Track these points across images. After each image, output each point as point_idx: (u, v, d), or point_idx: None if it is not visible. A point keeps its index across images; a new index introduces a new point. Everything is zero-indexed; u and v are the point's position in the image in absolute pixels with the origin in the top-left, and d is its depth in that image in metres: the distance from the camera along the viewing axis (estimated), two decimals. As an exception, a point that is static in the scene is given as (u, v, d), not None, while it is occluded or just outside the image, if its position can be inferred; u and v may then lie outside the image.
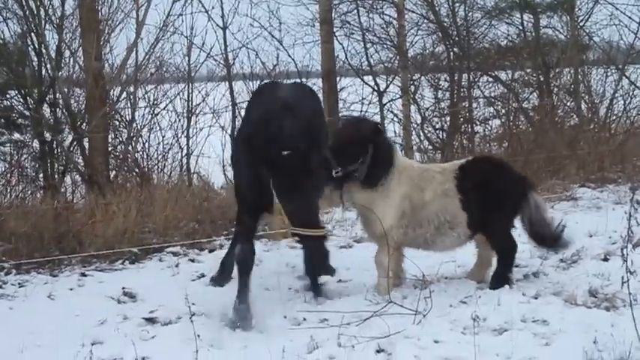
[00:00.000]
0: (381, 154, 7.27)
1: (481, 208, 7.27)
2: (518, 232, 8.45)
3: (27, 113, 12.49)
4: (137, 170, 13.30)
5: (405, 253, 7.54)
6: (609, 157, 13.57)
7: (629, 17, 17.37)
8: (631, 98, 17.08)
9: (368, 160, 7.18)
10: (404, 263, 7.57)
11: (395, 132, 15.15)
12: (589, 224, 9.67)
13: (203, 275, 8.40)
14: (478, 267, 7.75)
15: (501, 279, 7.37)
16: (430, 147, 16.11)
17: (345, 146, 7.17)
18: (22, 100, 12.58)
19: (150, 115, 13.89)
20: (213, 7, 14.47)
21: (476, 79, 16.54)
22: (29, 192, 12.31)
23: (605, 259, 8.09)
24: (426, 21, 16.58)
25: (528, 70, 16.89)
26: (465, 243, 7.58)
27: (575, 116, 16.21)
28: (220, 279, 8.02)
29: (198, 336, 5.61)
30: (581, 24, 17.42)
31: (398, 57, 15.53)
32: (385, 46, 16.31)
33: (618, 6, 17.31)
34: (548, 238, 7.62)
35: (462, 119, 16.12)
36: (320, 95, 12.25)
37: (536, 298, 6.99)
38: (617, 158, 13.55)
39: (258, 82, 14.63)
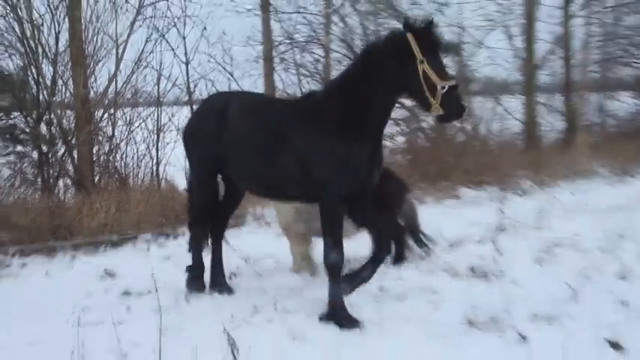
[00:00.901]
0: None
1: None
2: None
3: (27, 130, 12.31)
4: (117, 176, 13.15)
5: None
6: (486, 165, 13.76)
7: (503, 58, 17.81)
8: (504, 121, 17.43)
9: None
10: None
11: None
12: (470, 216, 9.79)
13: (169, 258, 8.36)
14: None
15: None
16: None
17: None
18: (23, 119, 12.38)
19: (127, 132, 13.75)
20: (178, 47, 14.41)
21: (385, 105, 16.58)
22: (29, 193, 12.11)
23: (482, 243, 8.18)
24: (347, 59, 16.65)
25: (426, 98, 17.00)
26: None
27: (462, 134, 16.42)
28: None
29: (162, 304, 5.62)
30: (467, 62, 17.70)
31: (325, 87, 15.57)
32: (314, 78, 16.35)
33: (494, 50, 17.71)
34: (416, 235, 7.72)
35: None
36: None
37: (429, 273, 7.10)
38: (492, 166, 13.73)
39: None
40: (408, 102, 16.49)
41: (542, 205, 9.81)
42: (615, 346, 4.91)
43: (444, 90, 5.48)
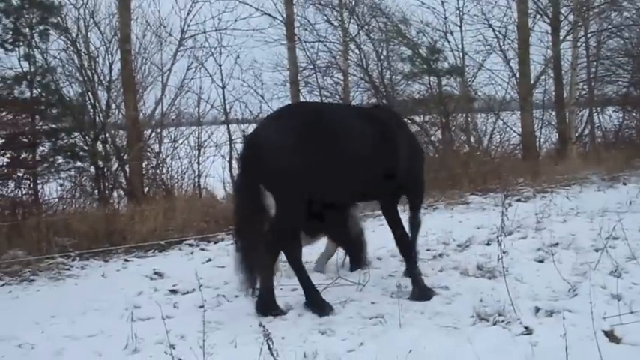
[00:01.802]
0: None
1: None
2: (429, 227, 8.58)
3: (86, 148, 12.38)
4: (163, 187, 13.24)
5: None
6: (490, 174, 13.68)
7: (502, 78, 17.75)
8: (504, 134, 17.34)
9: None
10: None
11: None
12: (477, 220, 9.73)
13: (210, 260, 8.34)
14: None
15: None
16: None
17: None
18: (82, 138, 12.47)
19: (172, 148, 13.89)
20: (215, 73, 14.54)
21: (398, 122, 16.56)
22: (88, 203, 12.20)
23: (488, 244, 8.13)
24: (363, 81, 16.65)
25: (434, 115, 17.00)
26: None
27: (467, 146, 16.34)
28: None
29: (205, 301, 5.62)
30: (470, 83, 17.62)
31: (344, 107, 15.53)
32: (335, 99, 16.34)
33: (494, 71, 17.65)
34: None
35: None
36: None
37: (440, 271, 7.02)
38: (495, 175, 13.65)
39: (248, 124, 14.73)
40: (417, 119, 16.73)
41: (541, 209, 9.74)
42: (611, 336, 4.83)
43: None
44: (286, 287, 6.59)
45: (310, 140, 5.54)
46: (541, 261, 7.24)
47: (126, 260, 8.60)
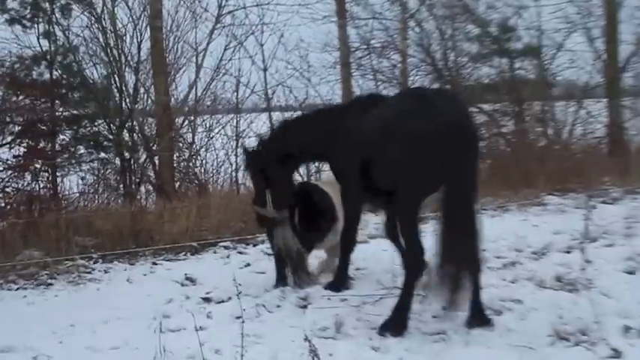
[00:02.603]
0: None
1: None
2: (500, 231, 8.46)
3: (110, 137, 12.57)
4: (196, 181, 13.34)
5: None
6: (570, 171, 13.43)
7: (585, 61, 17.36)
8: (587, 125, 16.98)
9: None
10: None
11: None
12: (555, 224, 9.58)
13: (249, 264, 8.38)
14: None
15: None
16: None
17: None
18: (107, 126, 12.66)
19: (206, 138, 13.96)
20: (256, 54, 14.56)
21: (464, 110, 16.41)
22: (112, 198, 12.36)
23: (568, 252, 7.97)
24: (424, 64, 16.49)
25: (506, 103, 16.76)
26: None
27: (543, 139, 16.08)
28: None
29: (244, 310, 5.62)
30: (547, 66, 17.32)
31: (402, 93, 15.43)
32: (392, 84, 16.22)
33: (576, 52, 17.28)
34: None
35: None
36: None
37: (513, 282, 6.93)
38: (576, 172, 13.40)
39: (292, 112, 14.73)
40: (486, 107, 16.54)
41: (632, 213, 9.55)
42: None
43: None
44: (335, 298, 6.56)
45: None
46: (632, 272, 7.09)
47: (154, 264, 8.69)
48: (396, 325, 5.62)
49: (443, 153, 5.42)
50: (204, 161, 13.81)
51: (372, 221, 9.50)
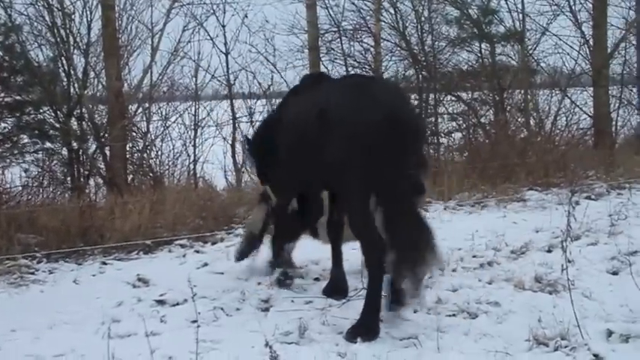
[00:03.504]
0: None
1: None
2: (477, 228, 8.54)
3: (57, 125, 12.44)
4: (151, 174, 13.29)
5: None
6: (553, 164, 13.57)
7: (571, 46, 17.52)
8: (572, 115, 17.14)
9: None
10: None
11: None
12: (536, 221, 9.67)
13: (206, 264, 8.33)
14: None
15: None
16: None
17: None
18: (53, 114, 12.52)
19: (162, 128, 13.91)
20: (217, 35, 14.52)
21: (441, 98, 16.52)
22: (58, 193, 12.26)
23: (549, 251, 8.10)
24: (398, 48, 16.55)
25: (485, 91, 16.89)
26: None
27: (524, 130, 16.20)
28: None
29: (199, 313, 5.62)
30: (530, 52, 17.47)
31: (374, 79, 15.47)
32: (364, 69, 16.26)
33: (561, 37, 17.44)
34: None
35: (429, 132, 16.08)
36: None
37: (490, 284, 6.99)
38: (559, 166, 13.55)
39: (256, 100, 14.73)
40: (465, 95, 16.64)
41: (617, 209, 9.66)
42: None
43: None
44: (299, 300, 6.58)
45: None
46: (615, 273, 7.19)
47: (103, 263, 8.62)
48: (366, 330, 5.63)
49: (386, 145, 5.52)
50: (159, 152, 13.78)
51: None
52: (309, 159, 6.12)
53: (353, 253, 7.18)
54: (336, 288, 6.83)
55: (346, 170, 5.68)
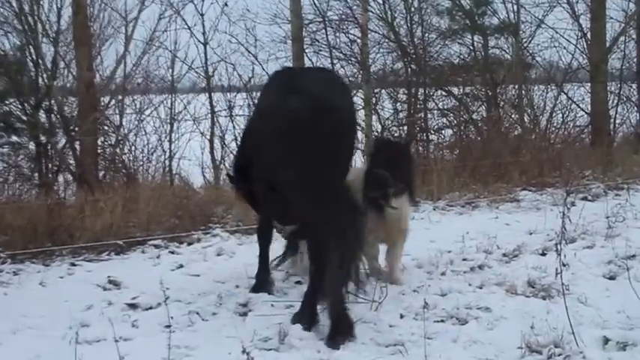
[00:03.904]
0: (415, 167, 7.27)
1: None
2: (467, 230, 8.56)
3: (24, 118, 12.41)
4: (124, 170, 13.25)
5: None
6: (548, 163, 13.64)
7: (567, 40, 17.60)
8: (568, 112, 17.24)
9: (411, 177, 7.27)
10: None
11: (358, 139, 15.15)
12: (529, 223, 9.69)
13: (182, 266, 8.30)
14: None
15: None
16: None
17: (402, 168, 7.12)
18: (20, 105, 12.49)
19: (136, 121, 13.88)
20: (195, 24, 14.48)
21: (431, 93, 16.57)
22: (25, 189, 12.23)
23: (543, 254, 8.11)
24: (386, 40, 16.60)
25: (478, 86, 16.95)
26: None
27: (518, 127, 16.29)
28: None
29: (172, 317, 5.61)
30: (525, 45, 17.53)
31: (361, 72, 15.49)
32: (350, 62, 16.30)
33: (558, 30, 17.51)
34: None
35: (418, 128, 16.12)
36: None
37: (480, 288, 6.99)
38: (555, 165, 13.61)
39: (236, 93, 14.69)
40: (456, 90, 16.68)
41: (615, 211, 9.74)
42: None
43: None
44: (279, 304, 6.57)
45: None
46: (612, 278, 7.21)
47: (72, 265, 8.56)
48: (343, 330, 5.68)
49: (305, 138, 5.74)
50: (132, 147, 13.74)
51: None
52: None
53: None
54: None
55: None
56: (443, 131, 16.55)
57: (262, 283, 7.13)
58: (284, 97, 6.04)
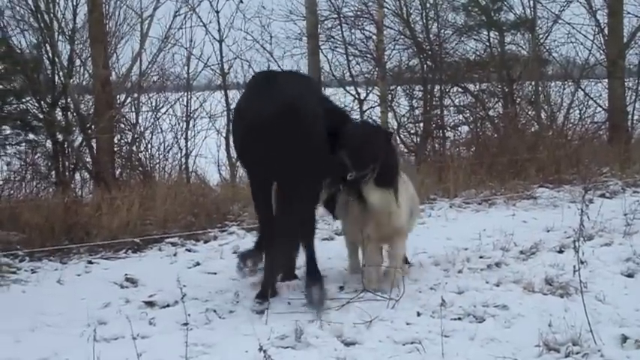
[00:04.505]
0: (390, 161, 7.02)
1: None
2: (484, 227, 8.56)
3: (41, 116, 12.41)
4: (140, 168, 13.27)
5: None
6: (565, 160, 13.59)
7: (584, 35, 17.49)
8: (585, 108, 17.15)
9: (378, 167, 6.82)
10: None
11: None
12: (547, 220, 9.68)
13: (198, 264, 8.35)
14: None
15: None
16: (405, 150, 16.08)
17: (360, 152, 6.75)
18: (36, 104, 12.49)
19: (152, 119, 13.89)
20: (210, 22, 14.47)
21: (447, 90, 16.53)
22: (42, 187, 12.25)
23: (560, 251, 8.11)
24: (402, 37, 16.53)
25: (494, 82, 16.88)
26: None
27: (535, 124, 16.22)
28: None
29: (189, 315, 5.63)
30: (542, 41, 17.45)
31: (377, 69, 15.47)
32: (365, 58, 16.25)
33: (575, 25, 17.41)
34: None
35: (434, 125, 16.08)
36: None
37: (497, 286, 6.99)
38: (572, 161, 13.57)
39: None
40: (472, 87, 16.63)
41: (633, 208, 9.71)
42: None
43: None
44: (296, 302, 6.58)
45: None
46: (630, 275, 7.21)
47: (89, 262, 8.62)
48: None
49: (267, 139, 6.34)
50: (149, 145, 13.76)
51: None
52: None
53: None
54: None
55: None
56: (459, 128, 16.50)
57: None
58: (255, 99, 6.76)
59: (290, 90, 6.61)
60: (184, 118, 14.07)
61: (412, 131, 16.46)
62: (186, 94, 14.30)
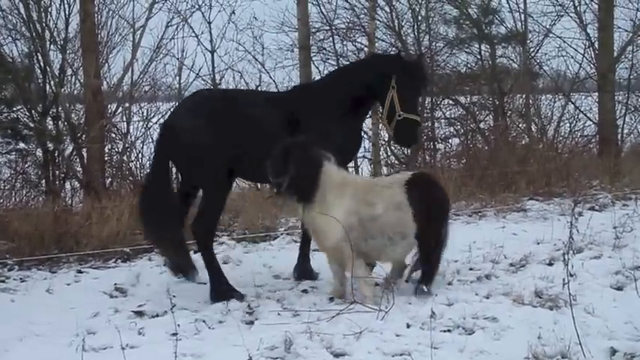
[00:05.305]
0: (303, 170, 6.79)
1: (426, 219, 6.95)
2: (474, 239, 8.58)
3: (31, 125, 12.44)
4: (131, 178, 13.25)
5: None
6: (555, 173, 13.62)
7: (575, 49, 17.63)
8: (576, 121, 17.29)
9: (289, 176, 6.73)
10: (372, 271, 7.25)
11: (365, 147, 15.13)
12: (536, 233, 9.68)
13: (188, 274, 8.33)
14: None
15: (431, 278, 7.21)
16: (396, 161, 16.12)
17: (271, 160, 6.80)
18: (27, 112, 12.53)
19: (143, 129, 13.89)
20: (202, 32, 14.60)
21: (438, 102, 16.61)
22: (32, 196, 12.25)
23: (550, 264, 8.09)
24: (394, 49, 16.59)
25: (485, 95, 16.95)
26: (411, 251, 7.24)
27: (525, 136, 16.28)
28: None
29: (179, 325, 5.62)
30: (533, 54, 17.55)
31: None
32: (357, 70, 16.27)
33: (565, 39, 17.53)
34: None
35: (425, 137, 16.12)
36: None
37: (487, 298, 6.96)
38: (562, 174, 13.60)
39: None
40: (463, 99, 16.68)
41: (622, 221, 9.71)
42: None
43: (400, 118, 7.67)
44: (286, 313, 6.58)
45: None
46: (620, 288, 7.19)
47: (79, 272, 8.59)
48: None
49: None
50: (140, 155, 13.75)
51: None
52: None
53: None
54: None
55: None
56: (450, 140, 16.56)
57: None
58: None
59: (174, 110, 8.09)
60: (175, 128, 14.05)
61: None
62: (177, 104, 14.29)
